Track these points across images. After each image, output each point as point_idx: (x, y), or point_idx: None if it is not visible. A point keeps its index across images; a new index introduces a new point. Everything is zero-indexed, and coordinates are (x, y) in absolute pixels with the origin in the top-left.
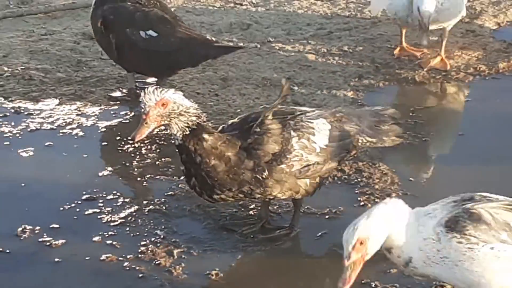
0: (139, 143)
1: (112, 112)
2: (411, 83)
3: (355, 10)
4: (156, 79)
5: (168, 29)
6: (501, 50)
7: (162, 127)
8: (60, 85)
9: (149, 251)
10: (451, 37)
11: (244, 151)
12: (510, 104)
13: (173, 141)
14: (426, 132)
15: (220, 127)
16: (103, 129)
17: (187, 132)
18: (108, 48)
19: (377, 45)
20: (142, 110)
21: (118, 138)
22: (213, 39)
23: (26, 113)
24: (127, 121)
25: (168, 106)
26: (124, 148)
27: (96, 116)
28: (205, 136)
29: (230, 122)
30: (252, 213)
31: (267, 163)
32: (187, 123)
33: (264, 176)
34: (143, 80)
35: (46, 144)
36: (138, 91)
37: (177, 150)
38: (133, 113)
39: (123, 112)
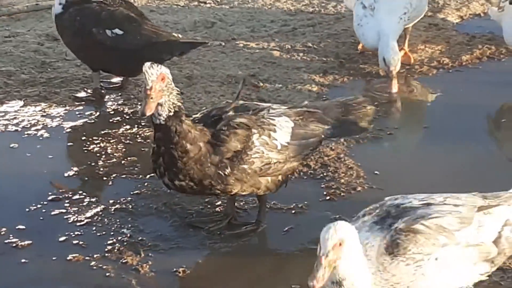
0: (104, 142)
1: (77, 113)
2: (376, 78)
3: (318, 6)
4: (122, 78)
5: (134, 27)
6: (464, 43)
7: (127, 126)
8: (25, 86)
9: (115, 250)
10: (414, 31)
11: (210, 145)
12: (474, 97)
13: (154, 120)
14: (391, 126)
15: None
16: (68, 130)
17: (172, 113)
18: (76, 49)
19: (341, 40)
20: (146, 86)
21: (83, 138)
22: (179, 35)
23: None
24: (92, 121)
25: (165, 80)
26: (89, 148)
27: (61, 117)
28: (184, 118)
29: (192, 117)
30: (219, 210)
31: (229, 159)
32: (174, 103)
33: (226, 173)
34: (108, 80)
35: (11, 145)
36: (103, 91)
37: (153, 129)
38: (98, 113)
39: (88, 112)
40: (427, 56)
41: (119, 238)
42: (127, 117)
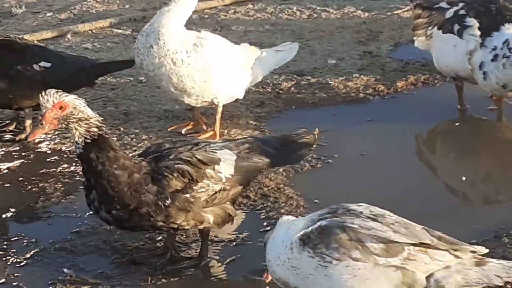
0: (43, 182)
1: (14, 154)
2: (312, 107)
3: (254, 38)
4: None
5: (58, 56)
6: (398, 69)
7: (65, 165)
8: None
9: None
10: (349, 59)
11: (149, 176)
12: (410, 122)
13: (75, 151)
14: (329, 154)
15: None
16: (6, 171)
17: (89, 141)
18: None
19: (277, 71)
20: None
21: (21, 179)
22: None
23: None
24: (30, 161)
25: (67, 110)
26: (27, 189)
27: None
28: (105, 146)
29: (130, 155)
30: (159, 245)
31: (172, 193)
32: (88, 131)
33: (166, 204)
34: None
35: None
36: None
37: (79, 161)
38: (35, 153)
39: (25, 153)
40: (362, 84)
41: (60, 277)
42: (65, 155)
